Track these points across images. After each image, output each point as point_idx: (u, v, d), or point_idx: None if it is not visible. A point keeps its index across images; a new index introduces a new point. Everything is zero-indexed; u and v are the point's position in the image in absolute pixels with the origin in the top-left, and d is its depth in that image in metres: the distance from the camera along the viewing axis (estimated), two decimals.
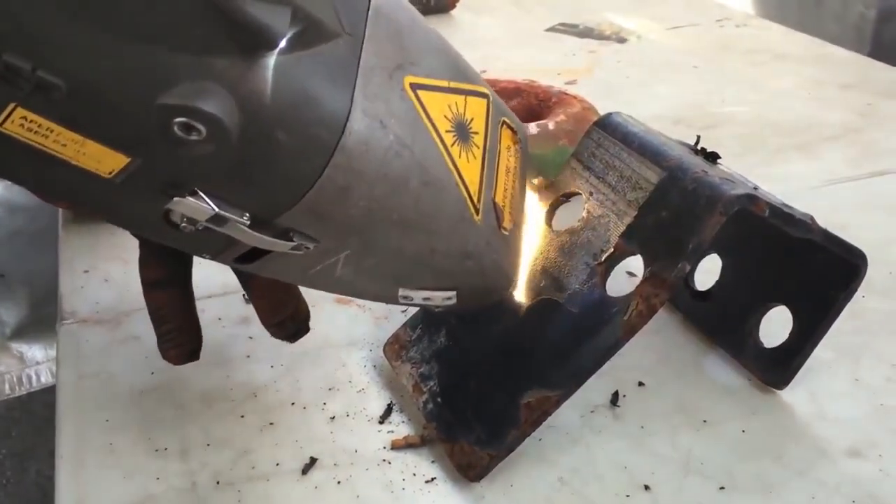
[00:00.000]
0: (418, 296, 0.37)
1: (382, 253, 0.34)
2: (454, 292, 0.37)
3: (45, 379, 1.52)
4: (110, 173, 0.28)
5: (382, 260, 0.34)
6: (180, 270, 0.43)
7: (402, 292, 0.36)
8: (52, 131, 0.27)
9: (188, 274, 0.44)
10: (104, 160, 0.28)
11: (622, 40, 0.99)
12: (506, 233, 0.39)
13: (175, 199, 0.29)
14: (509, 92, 0.69)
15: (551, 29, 1.03)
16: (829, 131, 0.73)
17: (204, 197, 0.29)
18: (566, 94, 0.67)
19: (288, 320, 0.42)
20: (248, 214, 0.30)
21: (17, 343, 1.52)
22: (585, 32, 1.01)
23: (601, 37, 1.00)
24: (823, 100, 0.80)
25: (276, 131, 0.28)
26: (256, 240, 0.31)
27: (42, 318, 1.52)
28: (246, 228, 0.30)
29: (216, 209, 0.29)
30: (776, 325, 0.45)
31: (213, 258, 0.34)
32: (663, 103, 0.80)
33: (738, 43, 0.97)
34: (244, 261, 0.34)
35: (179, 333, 0.42)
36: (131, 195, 0.29)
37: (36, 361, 1.53)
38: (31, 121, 0.26)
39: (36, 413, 1.48)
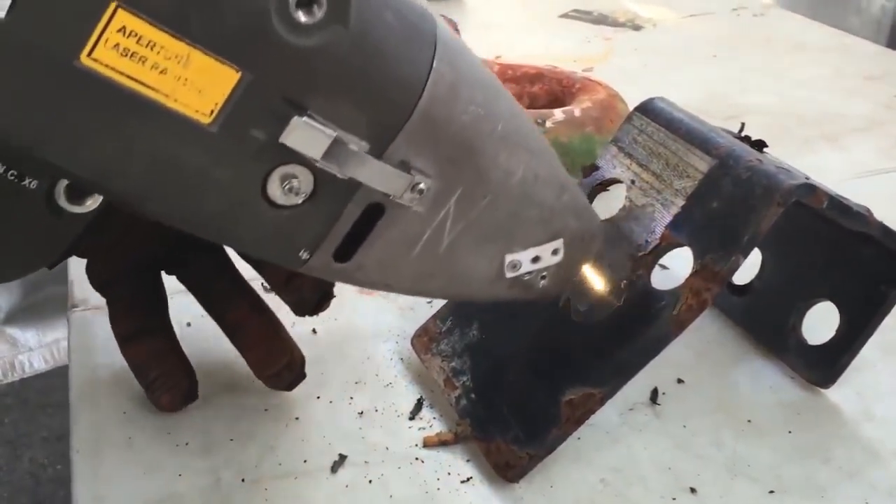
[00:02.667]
0: (526, 258, 0.33)
1: (493, 185, 0.31)
2: (560, 241, 0.34)
3: (39, 365, 1.50)
4: (211, 113, 0.25)
5: (492, 200, 0.31)
6: (157, 317, 0.41)
7: (509, 259, 0.33)
8: (153, 45, 0.23)
9: (166, 319, 0.41)
10: (208, 87, 0.24)
11: (637, 28, 0.97)
12: None
13: (292, 119, 0.26)
14: (531, 76, 0.67)
15: (564, 15, 1.01)
16: (857, 123, 0.72)
17: (318, 118, 0.26)
18: (590, 80, 0.65)
19: (284, 371, 0.40)
20: (364, 142, 0.27)
21: (9, 328, 1.49)
22: (600, 19, 0.99)
23: (616, 24, 0.98)
24: (848, 91, 0.78)
25: (385, 12, 0.26)
26: (377, 173, 0.28)
27: (35, 304, 1.49)
28: (367, 155, 0.27)
29: (335, 131, 0.26)
30: (818, 322, 0.43)
31: (311, 256, 0.29)
32: (683, 92, 0.77)
33: (757, 32, 0.95)
34: (345, 253, 0.30)
35: (168, 377, 0.39)
36: (230, 151, 0.26)
37: (29, 347, 1.50)
38: (130, 32, 0.23)
39: (29, 400, 1.45)
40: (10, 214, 0.27)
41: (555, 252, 0.34)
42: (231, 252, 0.42)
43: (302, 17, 0.24)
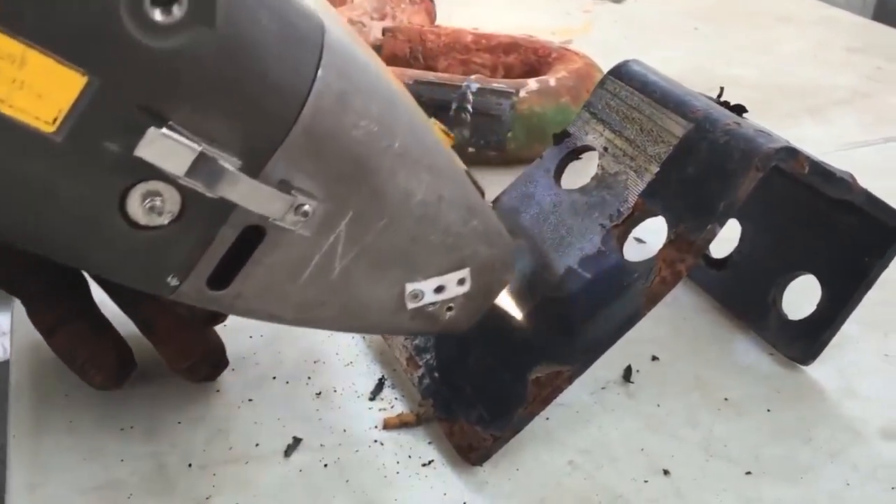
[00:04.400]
0: (429, 288, 0.31)
1: (391, 207, 0.29)
2: (467, 271, 0.32)
3: (1, 353, 1.47)
4: (55, 121, 0.23)
5: (389, 223, 0.29)
6: (76, 302, 0.38)
7: (410, 289, 0.31)
8: None
9: (87, 299, 0.38)
10: (49, 91, 0.22)
11: (618, 0, 0.94)
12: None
13: (149, 130, 0.23)
14: (506, 46, 0.64)
15: None
16: (840, 95, 0.70)
17: (181, 130, 0.24)
18: (567, 49, 0.63)
19: (199, 363, 0.37)
20: (236, 158, 0.25)
21: None
22: None
23: None
24: (831, 63, 0.76)
25: (259, 12, 0.24)
26: (252, 193, 0.25)
27: None
28: (239, 173, 0.25)
29: (201, 145, 0.24)
30: (799, 296, 0.41)
31: (181, 283, 0.27)
32: (666, 65, 0.74)
33: (740, 5, 0.93)
34: (221, 279, 0.28)
35: (96, 357, 0.36)
36: (80, 164, 0.24)
37: (2, 332, 1.47)
38: None
39: None
40: None
41: (461, 282, 0.32)
42: None
43: (158, 15, 0.22)
